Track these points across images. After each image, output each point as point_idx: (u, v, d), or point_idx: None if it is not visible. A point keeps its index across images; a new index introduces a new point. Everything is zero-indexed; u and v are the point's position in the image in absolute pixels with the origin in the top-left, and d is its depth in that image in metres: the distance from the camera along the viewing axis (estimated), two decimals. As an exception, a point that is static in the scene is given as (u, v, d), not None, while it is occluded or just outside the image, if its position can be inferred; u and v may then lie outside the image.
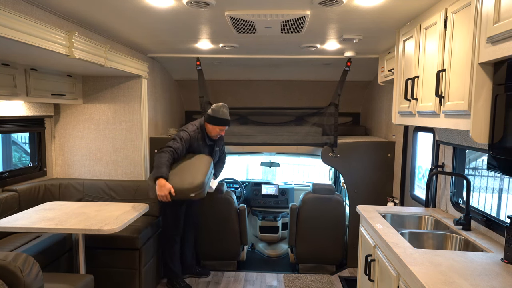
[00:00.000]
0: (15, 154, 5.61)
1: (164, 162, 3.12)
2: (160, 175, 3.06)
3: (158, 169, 3.09)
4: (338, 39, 3.42)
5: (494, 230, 2.29)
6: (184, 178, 3.16)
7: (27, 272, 1.94)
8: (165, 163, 3.12)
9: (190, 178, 3.16)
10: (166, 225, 3.60)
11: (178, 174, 3.20)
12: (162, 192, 3.05)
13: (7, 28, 2.09)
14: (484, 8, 1.74)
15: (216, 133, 3.47)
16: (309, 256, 4.19)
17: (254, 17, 2.66)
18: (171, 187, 3.07)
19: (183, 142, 3.30)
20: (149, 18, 2.79)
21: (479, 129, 1.81)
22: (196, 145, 3.43)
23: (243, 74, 5.30)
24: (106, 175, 4.18)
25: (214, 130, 3.45)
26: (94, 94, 4.11)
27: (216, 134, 3.49)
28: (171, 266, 3.64)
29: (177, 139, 3.30)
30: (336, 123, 4.13)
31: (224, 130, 3.51)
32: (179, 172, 3.22)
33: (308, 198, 4.13)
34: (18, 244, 3.03)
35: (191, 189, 3.11)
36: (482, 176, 2.81)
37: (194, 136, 3.41)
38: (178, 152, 3.25)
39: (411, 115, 2.71)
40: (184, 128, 3.45)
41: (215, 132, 3.46)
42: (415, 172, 3.71)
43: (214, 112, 3.41)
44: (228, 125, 3.48)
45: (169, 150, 3.20)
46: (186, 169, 3.27)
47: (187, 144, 3.35)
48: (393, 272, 2.09)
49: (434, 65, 2.32)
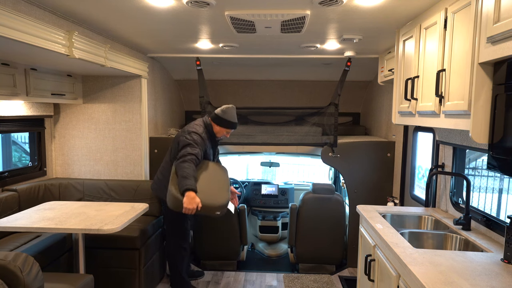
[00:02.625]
0: (15, 154, 5.61)
1: (192, 174, 2.96)
2: (190, 188, 2.89)
3: (186, 181, 2.90)
4: (338, 39, 3.42)
5: (494, 230, 2.29)
6: (211, 194, 3.03)
7: (27, 272, 1.94)
8: (192, 175, 2.96)
9: (217, 195, 3.05)
10: (176, 236, 3.50)
11: (205, 189, 3.03)
12: (191, 205, 2.87)
13: (7, 28, 2.09)
14: (484, 8, 1.73)
15: (222, 135, 3.42)
16: (309, 256, 4.19)
17: (254, 17, 2.66)
18: (200, 201, 2.90)
19: (199, 147, 3.15)
20: (149, 18, 2.79)
21: (479, 129, 1.81)
22: (208, 148, 3.37)
23: (243, 74, 5.30)
24: (106, 175, 4.18)
25: (221, 132, 3.38)
26: (94, 94, 4.11)
27: (222, 136, 3.44)
28: (184, 276, 3.57)
29: (193, 144, 3.12)
30: (336, 123, 4.13)
31: (229, 133, 3.44)
32: (205, 187, 3.05)
33: (308, 198, 4.13)
34: (18, 244, 3.03)
35: (218, 207, 2.99)
36: (482, 176, 2.82)
37: (204, 137, 3.29)
38: (199, 158, 3.12)
39: (411, 115, 2.71)
40: (192, 129, 3.25)
41: (221, 133, 3.40)
42: (415, 172, 3.71)
43: (225, 114, 3.31)
44: (235, 128, 3.42)
45: (192, 159, 3.03)
46: (210, 183, 3.12)
47: (203, 146, 3.23)
48: (393, 272, 2.09)
49: (434, 65, 2.32)
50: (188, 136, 3.18)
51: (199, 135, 3.21)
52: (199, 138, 3.20)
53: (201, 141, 3.21)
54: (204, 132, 3.31)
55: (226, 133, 3.41)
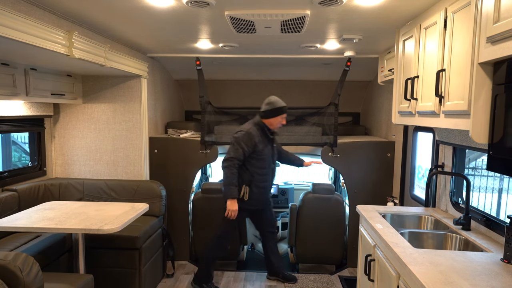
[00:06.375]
0: (14, 154, 5.61)
1: (233, 183, 3.37)
2: (232, 197, 3.39)
3: (228, 189, 3.38)
4: (338, 39, 3.42)
5: (493, 230, 2.29)
6: None
7: (26, 272, 1.94)
8: (233, 183, 3.37)
9: None
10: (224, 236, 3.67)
11: None
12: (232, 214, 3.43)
13: (7, 28, 2.09)
14: (484, 8, 1.73)
15: (278, 123, 3.50)
16: (309, 256, 4.19)
17: (254, 16, 2.66)
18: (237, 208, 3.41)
19: (243, 144, 3.38)
20: (149, 18, 2.79)
21: (479, 129, 1.81)
22: (259, 143, 3.45)
23: (243, 74, 5.30)
24: (106, 175, 4.18)
25: (276, 121, 3.48)
26: (94, 94, 4.11)
27: (278, 125, 3.51)
28: (211, 272, 3.73)
29: (235, 144, 3.40)
30: (336, 123, 4.13)
31: (285, 118, 3.53)
32: None
33: (308, 198, 4.12)
34: (17, 244, 3.03)
35: None
36: (482, 176, 2.82)
37: (254, 133, 3.43)
38: (241, 159, 3.40)
39: (411, 115, 2.71)
40: (239, 129, 3.50)
41: (277, 123, 3.49)
42: (415, 172, 3.71)
43: (270, 104, 3.46)
44: (285, 111, 3.51)
45: (231, 164, 3.37)
46: None
47: (250, 141, 3.40)
48: (392, 272, 2.09)
49: (434, 65, 2.32)
50: (234, 135, 3.48)
51: (244, 132, 3.44)
52: (243, 135, 3.42)
53: (246, 136, 3.41)
54: (253, 128, 3.47)
55: (281, 119, 3.50)
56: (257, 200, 3.57)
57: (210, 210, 4.09)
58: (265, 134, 3.50)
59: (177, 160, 4.30)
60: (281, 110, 3.47)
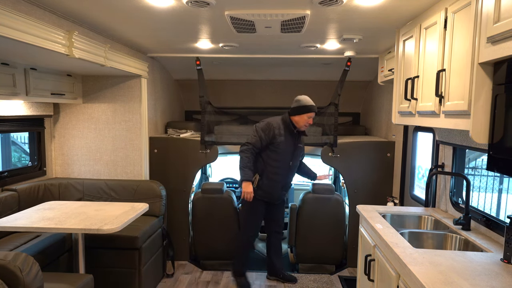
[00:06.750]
0: (14, 154, 5.61)
1: (247, 165, 3.45)
2: (245, 179, 3.45)
3: (242, 171, 3.46)
4: (338, 39, 3.42)
5: (493, 230, 2.29)
6: None
7: (26, 272, 1.94)
8: (247, 166, 3.45)
9: None
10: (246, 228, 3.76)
11: None
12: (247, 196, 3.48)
13: (7, 28, 2.09)
14: (484, 8, 1.73)
15: (305, 122, 3.48)
16: (309, 256, 4.18)
17: (254, 16, 2.66)
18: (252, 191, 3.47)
19: (260, 133, 3.46)
20: (149, 18, 2.79)
21: (479, 129, 1.81)
22: (279, 136, 3.46)
23: (243, 74, 5.30)
24: (105, 175, 4.17)
25: (302, 120, 3.47)
26: (94, 94, 4.11)
27: (305, 123, 3.49)
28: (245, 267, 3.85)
29: (254, 132, 3.50)
30: (336, 123, 4.13)
31: (312, 118, 3.51)
32: None
33: (308, 198, 4.12)
34: (17, 243, 3.03)
35: None
36: (482, 176, 2.82)
37: (275, 125, 3.47)
38: (257, 146, 3.47)
39: (411, 115, 2.71)
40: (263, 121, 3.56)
41: (303, 121, 3.47)
42: (415, 172, 3.71)
43: (299, 102, 3.47)
44: (314, 110, 3.49)
45: (248, 149, 3.45)
46: None
47: (269, 132, 3.45)
48: (392, 272, 2.08)
49: (434, 65, 2.31)
50: (256, 124, 3.58)
51: (265, 122, 3.52)
52: (264, 124, 3.50)
53: (266, 126, 3.48)
54: (276, 121, 3.52)
55: (308, 119, 3.48)
56: (266, 192, 3.57)
57: (210, 210, 4.09)
58: (289, 130, 3.50)
59: (177, 160, 4.30)
60: (308, 109, 3.46)
